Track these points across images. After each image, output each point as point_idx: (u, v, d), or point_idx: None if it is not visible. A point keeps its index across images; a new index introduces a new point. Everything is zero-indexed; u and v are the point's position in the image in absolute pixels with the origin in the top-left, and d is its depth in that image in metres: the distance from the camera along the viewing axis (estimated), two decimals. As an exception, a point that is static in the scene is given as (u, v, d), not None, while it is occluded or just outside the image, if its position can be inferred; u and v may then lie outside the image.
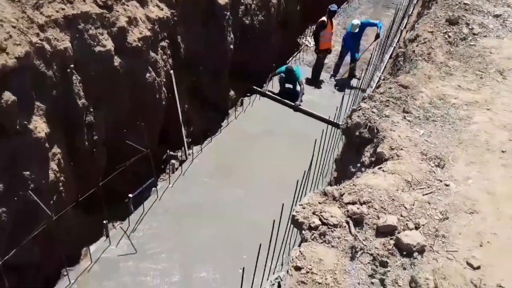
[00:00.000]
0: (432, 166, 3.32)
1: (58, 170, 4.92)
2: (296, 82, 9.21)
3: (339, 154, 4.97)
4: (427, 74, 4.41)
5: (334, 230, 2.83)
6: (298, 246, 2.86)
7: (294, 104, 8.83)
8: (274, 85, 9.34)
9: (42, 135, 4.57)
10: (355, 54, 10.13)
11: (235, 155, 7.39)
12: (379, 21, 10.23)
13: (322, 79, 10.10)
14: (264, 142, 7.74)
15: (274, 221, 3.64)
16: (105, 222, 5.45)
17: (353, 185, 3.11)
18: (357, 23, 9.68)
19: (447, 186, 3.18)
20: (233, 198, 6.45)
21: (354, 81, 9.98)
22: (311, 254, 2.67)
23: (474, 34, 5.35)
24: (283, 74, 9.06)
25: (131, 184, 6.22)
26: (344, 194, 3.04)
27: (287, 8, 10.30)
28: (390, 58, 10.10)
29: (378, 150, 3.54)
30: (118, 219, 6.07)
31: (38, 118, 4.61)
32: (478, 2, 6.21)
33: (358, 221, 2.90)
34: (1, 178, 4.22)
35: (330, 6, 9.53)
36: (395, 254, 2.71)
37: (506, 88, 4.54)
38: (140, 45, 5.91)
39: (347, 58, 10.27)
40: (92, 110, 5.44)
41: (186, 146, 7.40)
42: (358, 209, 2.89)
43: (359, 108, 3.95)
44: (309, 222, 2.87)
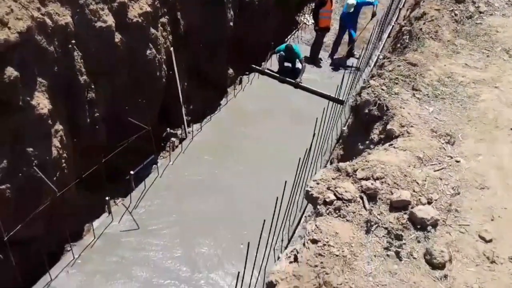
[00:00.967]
0: (442, 143, 3.36)
1: (60, 146, 4.88)
2: (295, 61, 9.14)
3: (346, 131, 4.98)
4: (435, 52, 4.41)
5: (349, 204, 2.86)
6: (313, 220, 2.89)
7: (295, 81, 8.79)
8: (273, 63, 9.27)
9: (45, 111, 4.50)
10: (353, 33, 10.02)
11: (235, 133, 7.40)
12: None
13: (320, 58, 10.04)
14: (263, 120, 7.76)
15: (277, 198, 3.66)
16: (107, 198, 5.45)
17: (365, 161, 3.13)
18: (352, 3, 9.48)
19: (458, 162, 3.22)
20: (232, 175, 6.48)
21: (352, 60, 9.93)
22: (327, 228, 2.71)
23: (480, 12, 5.32)
24: (283, 53, 8.98)
25: (132, 161, 6.20)
26: (357, 170, 3.07)
27: (286, -15, 10.15)
28: (389, 37, 10.05)
29: (388, 127, 3.56)
30: (120, 196, 6.07)
31: (41, 94, 4.53)
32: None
33: (371, 196, 2.93)
34: (4, 154, 4.18)
35: None
36: (409, 228, 2.76)
37: (512, 66, 4.55)
38: (140, 20, 5.80)
39: (346, 37, 10.18)
40: (93, 86, 5.37)
41: (186, 124, 7.37)
42: (372, 184, 2.93)
43: (368, 85, 3.94)
44: (324, 197, 2.90)
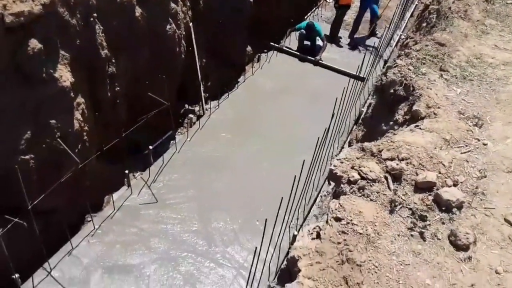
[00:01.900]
0: (470, 125, 3.30)
1: (82, 119, 4.92)
2: (315, 39, 8.99)
3: (369, 112, 4.92)
4: (464, 32, 4.28)
5: (373, 184, 2.85)
6: (336, 198, 2.89)
7: (315, 58, 8.67)
8: (292, 41, 9.14)
9: (68, 84, 4.53)
10: (376, 10, 9.76)
11: (252, 111, 7.38)
12: None
13: (340, 36, 9.86)
14: (280, 99, 7.72)
15: (295, 176, 3.66)
16: (126, 172, 5.52)
17: (391, 142, 3.10)
18: None
19: (485, 145, 3.17)
20: (249, 153, 6.51)
21: (374, 39, 9.73)
22: (351, 207, 2.71)
23: (512, -9, 5.15)
24: (303, 31, 8.83)
25: (151, 137, 6.25)
26: (382, 150, 3.04)
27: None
28: (412, 16, 9.81)
29: (414, 108, 3.50)
30: (139, 170, 6.15)
31: (63, 67, 4.55)
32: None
33: (396, 176, 2.91)
34: (28, 126, 4.24)
35: None
36: (434, 209, 2.75)
37: (542, 49, 4.41)
38: (161, -6, 5.75)
39: (367, 15, 9.95)
40: (114, 61, 5.37)
41: (203, 101, 7.36)
42: (398, 165, 2.90)
43: (395, 65, 3.86)
44: (348, 176, 2.90)
